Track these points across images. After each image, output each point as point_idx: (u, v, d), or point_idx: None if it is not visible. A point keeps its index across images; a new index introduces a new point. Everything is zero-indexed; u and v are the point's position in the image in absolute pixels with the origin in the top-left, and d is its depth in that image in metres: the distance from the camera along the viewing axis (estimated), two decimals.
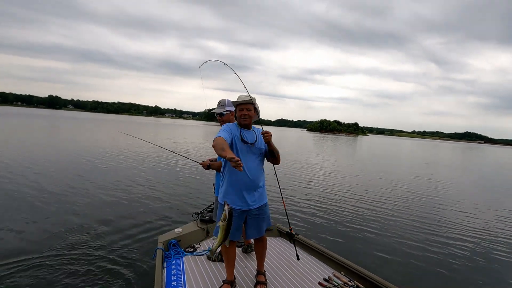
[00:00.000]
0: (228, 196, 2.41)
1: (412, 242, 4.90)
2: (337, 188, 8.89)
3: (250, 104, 2.43)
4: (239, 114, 2.45)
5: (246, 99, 2.42)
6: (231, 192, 2.41)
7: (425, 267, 4.08)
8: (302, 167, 13.05)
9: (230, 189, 2.41)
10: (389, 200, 7.75)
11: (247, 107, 2.42)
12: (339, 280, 2.64)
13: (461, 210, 7.57)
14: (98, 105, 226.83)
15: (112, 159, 11.17)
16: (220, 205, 2.77)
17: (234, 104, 2.49)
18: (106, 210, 5.45)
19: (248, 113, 2.42)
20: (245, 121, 2.43)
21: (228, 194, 2.42)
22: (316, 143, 38.07)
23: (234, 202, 2.38)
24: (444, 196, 9.31)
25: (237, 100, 2.46)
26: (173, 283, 2.58)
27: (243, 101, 2.42)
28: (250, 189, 2.41)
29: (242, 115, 2.42)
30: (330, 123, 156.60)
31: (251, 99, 2.41)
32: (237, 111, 2.47)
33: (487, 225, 6.32)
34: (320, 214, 6.08)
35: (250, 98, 2.42)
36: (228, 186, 2.42)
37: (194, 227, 3.57)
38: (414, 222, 6.06)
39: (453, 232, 5.61)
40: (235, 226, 2.41)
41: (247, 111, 2.42)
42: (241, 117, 2.43)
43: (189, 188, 7.45)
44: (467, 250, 4.78)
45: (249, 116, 2.43)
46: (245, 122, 2.44)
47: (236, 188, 2.39)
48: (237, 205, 2.39)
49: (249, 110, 2.42)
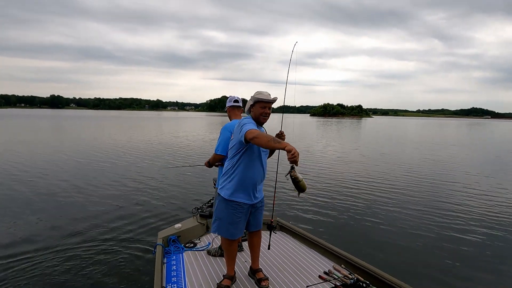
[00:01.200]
0: (238, 192, 2.34)
1: (414, 235, 4.72)
2: (338, 179, 8.69)
3: (271, 104, 2.41)
4: (260, 111, 2.37)
5: (272, 98, 2.39)
6: (242, 188, 2.35)
7: (428, 259, 3.95)
8: (303, 155, 12.90)
9: (241, 185, 2.35)
10: (392, 190, 7.45)
11: (270, 106, 2.40)
12: (339, 273, 2.62)
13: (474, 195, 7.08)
14: (100, 102, 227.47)
15: (112, 156, 11.22)
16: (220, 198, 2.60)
17: (255, 100, 2.38)
18: (105, 206, 5.48)
19: (269, 111, 2.41)
20: (264, 119, 2.41)
21: (238, 190, 2.35)
22: (319, 128, 37.82)
23: (243, 197, 2.36)
24: (453, 180, 8.76)
25: (260, 97, 2.36)
26: (173, 279, 2.58)
27: (268, 99, 2.36)
28: (259, 184, 2.45)
29: (264, 113, 2.38)
30: (333, 107, 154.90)
31: (275, 99, 2.40)
32: (258, 107, 2.37)
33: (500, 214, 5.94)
34: (320, 206, 5.97)
35: (273, 98, 2.40)
36: (240, 181, 2.35)
37: (194, 223, 3.56)
38: (418, 212, 5.79)
39: (462, 221, 5.32)
40: (241, 222, 2.40)
41: (268, 110, 2.40)
42: (261, 115, 2.38)
43: (188, 183, 7.43)
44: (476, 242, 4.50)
45: (269, 115, 2.42)
46: (264, 121, 2.42)
47: (249, 184, 2.36)
48: (247, 200, 2.37)
49: (269, 109, 2.41)
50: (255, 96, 2.38)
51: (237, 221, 2.37)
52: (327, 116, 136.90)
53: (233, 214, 2.36)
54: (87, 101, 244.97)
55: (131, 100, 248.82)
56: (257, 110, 2.37)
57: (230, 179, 2.38)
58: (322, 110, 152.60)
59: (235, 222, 2.37)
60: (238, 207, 2.35)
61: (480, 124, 75.28)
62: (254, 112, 2.39)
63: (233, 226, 2.38)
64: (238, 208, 2.35)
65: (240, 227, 2.40)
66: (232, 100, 2.99)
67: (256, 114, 2.38)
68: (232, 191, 2.35)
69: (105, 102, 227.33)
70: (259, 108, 2.36)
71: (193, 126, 34.17)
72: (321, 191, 7.10)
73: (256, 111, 2.38)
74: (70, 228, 4.45)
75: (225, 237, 2.45)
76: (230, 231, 2.39)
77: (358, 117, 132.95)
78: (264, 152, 2.45)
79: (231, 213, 2.36)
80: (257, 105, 2.37)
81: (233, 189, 2.35)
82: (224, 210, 2.39)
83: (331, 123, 58.87)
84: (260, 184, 2.47)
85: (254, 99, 2.38)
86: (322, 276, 2.60)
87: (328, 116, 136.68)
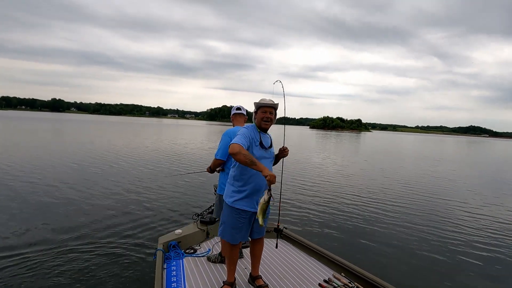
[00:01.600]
0: (241, 200, 2.39)
1: (414, 243, 4.81)
2: (338, 188, 8.82)
3: (273, 108, 2.43)
4: (261, 116, 2.41)
5: (272, 103, 2.42)
6: (244, 195, 2.39)
7: (427, 269, 4.01)
8: (303, 167, 13.02)
9: (244, 193, 2.39)
10: (391, 200, 7.63)
11: (271, 110, 2.42)
12: (339, 281, 2.62)
13: (470, 209, 7.32)
14: (101, 107, 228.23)
15: (112, 161, 11.22)
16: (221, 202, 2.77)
17: (256, 106, 2.45)
18: (106, 211, 5.47)
19: (270, 116, 2.42)
20: (266, 124, 2.43)
21: (241, 198, 2.39)
22: (319, 141, 37.97)
23: (246, 205, 2.38)
24: (450, 194, 9.06)
25: (260, 102, 2.42)
26: (173, 285, 2.57)
27: (268, 104, 2.40)
28: (261, 192, 2.41)
29: (265, 117, 2.41)
30: (333, 120, 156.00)
31: (276, 104, 2.42)
32: (259, 113, 2.42)
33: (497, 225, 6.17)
34: (320, 215, 6.03)
35: (274, 103, 2.43)
36: (243, 189, 2.39)
37: (194, 229, 3.57)
38: (416, 222, 5.94)
39: (459, 233, 5.46)
40: (244, 228, 2.42)
41: (270, 114, 2.42)
42: (263, 119, 2.41)
43: (189, 189, 7.46)
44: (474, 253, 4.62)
45: (271, 119, 2.43)
46: (266, 126, 2.44)
47: (251, 192, 2.38)
48: (249, 208, 2.38)
49: (271, 113, 2.42)
50: (257, 102, 2.45)
51: (240, 227, 2.40)
52: (326, 129, 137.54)
53: (237, 220, 2.40)
54: (88, 106, 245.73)
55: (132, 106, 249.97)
56: (259, 116, 2.43)
57: (233, 186, 2.43)
58: (322, 123, 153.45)
59: (238, 227, 2.40)
60: (241, 213, 2.39)
61: (478, 143, 75.79)
62: (257, 118, 2.45)
63: (236, 231, 2.41)
64: (242, 214, 2.39)
65: (243, 233, 2.43)
66: (235, 108, 3.19)
67: (258, 119, 2.44)
68: (235, 198, 2.39)
69: (106, 107, 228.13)
70: (260, 113, 2.41)
71: (193, 134, 34.27)
72: (322, 200, 7.16)
73: (258, 116, 2.44)
74: (70, 232, 4.43)
75: (228, 241, 2.47)
76: (233, 236, 2.43)
77: (357, 131, 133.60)
78: (268, 159, 2.47)
79: (234, 218, 2.41)
80: (259, 111, 2.43)
81: (236, 196, 2.40)
82: (229, 215, 2.43)
83: (330, 136, 59.12)
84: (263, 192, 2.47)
85: (256, 105, 2.45)
86: (322, 285, 2.60)
87: (328, 129, 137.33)
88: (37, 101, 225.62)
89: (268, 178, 2.10)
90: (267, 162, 2.45)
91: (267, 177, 2.10)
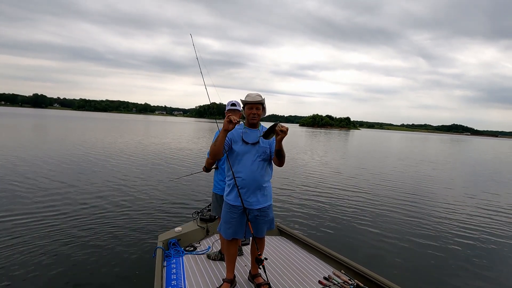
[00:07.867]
0: (230, 195, 2.45)
1: (412, 240, 4.91)
2: (336, 186, 8.89)
3: (260, 104, 2.43)
4: (247, 112, 2.44)
5: (255, 99, 2.41)
6: (232, 190, 2.45)
7: (425, 264, 4.09)
8: (298, 165, 13.07)
9: (231, 188, 2.45)
10: (389, 198, 7.73)
11: (257, 106, 2.43)
12: (339, 278, 2.65)
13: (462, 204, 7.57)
14: (86, 103, 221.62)
15: (111, 158, 11.03)
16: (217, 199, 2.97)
17: (243, 103, 2.47)
18: (106, 209, 5.41)
19: (256, 112, 2.43)
20: (253, 120, 2.44)
21: (229, 192, 2.46)
22: (309, 139, 38.25)
23: (233, 200, 2.42)
24: (443, 191, 9.29)
25: (245, 100, 2.44)
26: (173, 282, 2.58)
27: (252, 101, 2.42)
28: (250, 189, 2.40)
29: (251, 114, 2.43)
30: (322, 117, 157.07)
31: (260, 100, 2.41)
32: (246, 109, 2.45)
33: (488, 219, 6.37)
34: (319, 212, 6.10)
35: (260, 98, 2.42)
36: (231, 184, 2.46)
37: (194, 226, 3.57)
38: (414, 219, 6.05)
39: (454, 227, 5.62)
40: (235, 224, 2.44)
41: (256, 110, 2.43)
42: (249, 116, 2.44)
43: (189, 187, 7.43)
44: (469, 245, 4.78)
45: (257, 115, 2.44)
46: (252, 121, 2.45)
47: (241, 186, 2.40)
48: (237, 203, 2.41)
49: (257, 109, 2.43)
50: (243, 100, 2.47)
51: (231, 221, 2.43)
52: (316, 127, 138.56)
53: (227, 213, 2.47)
54: (72, 102, 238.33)
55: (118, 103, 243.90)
56: (246, 112, 2.45)
57: (225, 181, 2.56)
58: (311, 121, 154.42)
59: (229, 222, 2.45)
60: (232, 207, 2.44)
61: (460, 141, 78.20)
62: (246, 115, 2.48)
63: (228, 225, 2.45)
64: (232, 209, 2.44)
65: (234, 229, 2.43)
66: (229, 104, 3.06)
67: (246, 116, 2.48)
68: (226, 193, 2.50)
69: (91, 103, 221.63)
70: (247, 110, 2.44)
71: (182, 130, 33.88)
72: (321, 198, 7.25)
73: (245, 113, 2.48)
74: (69, 230, 4.37)
75: (223, 236, 2.53)
76: (225, 230, 2.47)
77: (346, 129, 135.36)
78: (253, 154, 2.40)
79: (226, 212, 2.48)
80: (246, 108, 2.45)
81: (227, 190, 2.49)
82: (223, 210, 2.52)
83: (320, 133, 59.65)
84: (253, 189, 2.39)
85: (242, 103, 2.48)
86: (321, 282, 2.63)
87: (317, 127, 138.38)
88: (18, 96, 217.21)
89: (225, 128, 2.21)
90: (255, 158, 2.39)
91: (224, 127, 2.21)
